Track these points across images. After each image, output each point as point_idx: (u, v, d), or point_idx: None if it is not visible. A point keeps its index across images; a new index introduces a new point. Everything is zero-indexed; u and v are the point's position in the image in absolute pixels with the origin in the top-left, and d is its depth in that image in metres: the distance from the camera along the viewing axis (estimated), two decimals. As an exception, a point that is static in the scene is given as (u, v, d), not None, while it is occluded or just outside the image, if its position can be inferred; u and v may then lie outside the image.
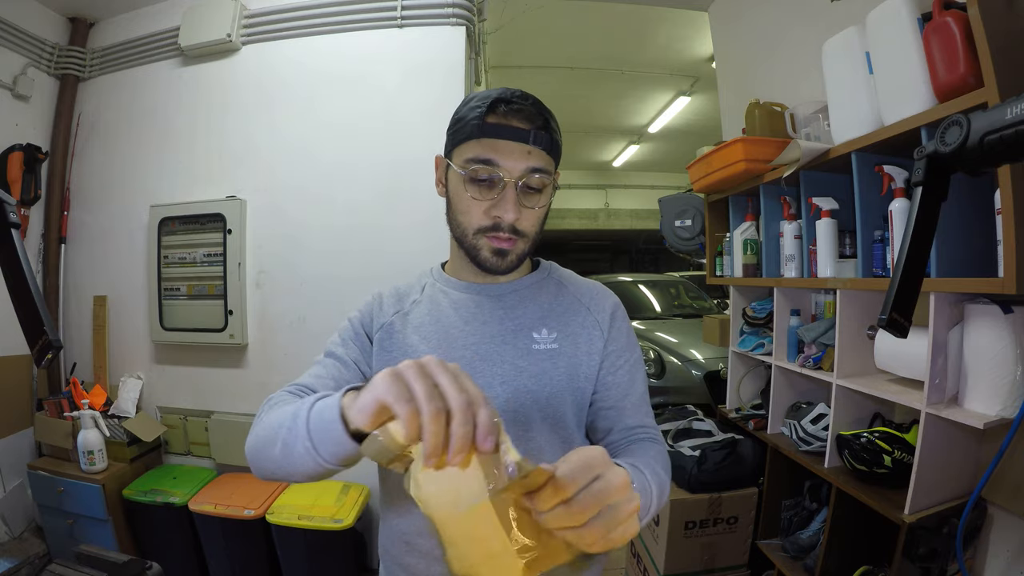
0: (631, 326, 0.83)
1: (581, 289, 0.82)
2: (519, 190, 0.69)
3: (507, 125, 0.68)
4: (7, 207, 0.58)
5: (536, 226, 0.73)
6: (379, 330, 0.78)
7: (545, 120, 0.70)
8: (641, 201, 9.12)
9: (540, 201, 0.71)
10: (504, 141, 0.68)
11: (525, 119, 0.69)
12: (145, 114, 2.47)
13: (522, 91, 0.71)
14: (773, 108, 1.80)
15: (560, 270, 0.86)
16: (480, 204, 0.70)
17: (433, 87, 2.21)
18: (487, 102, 0.69)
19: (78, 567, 1.23)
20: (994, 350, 1.10)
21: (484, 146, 0.68)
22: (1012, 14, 1.04)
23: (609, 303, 0.81)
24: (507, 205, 0.68)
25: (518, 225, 0.70)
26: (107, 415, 2.29)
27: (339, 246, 2.25)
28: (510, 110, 0.68)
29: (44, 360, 0.57)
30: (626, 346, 0.79)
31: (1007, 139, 0.46)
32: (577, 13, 3.63)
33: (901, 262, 0.55)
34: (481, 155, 0.68)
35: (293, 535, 1.96)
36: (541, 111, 0.70)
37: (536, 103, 0.71)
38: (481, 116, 0.68)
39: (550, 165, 0.71)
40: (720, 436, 1.97)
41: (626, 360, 0.78)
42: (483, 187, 0.69)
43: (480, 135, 0.68)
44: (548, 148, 0.70)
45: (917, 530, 1.22)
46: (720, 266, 2.15)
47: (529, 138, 0.68)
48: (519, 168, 0.68)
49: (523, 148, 0.68)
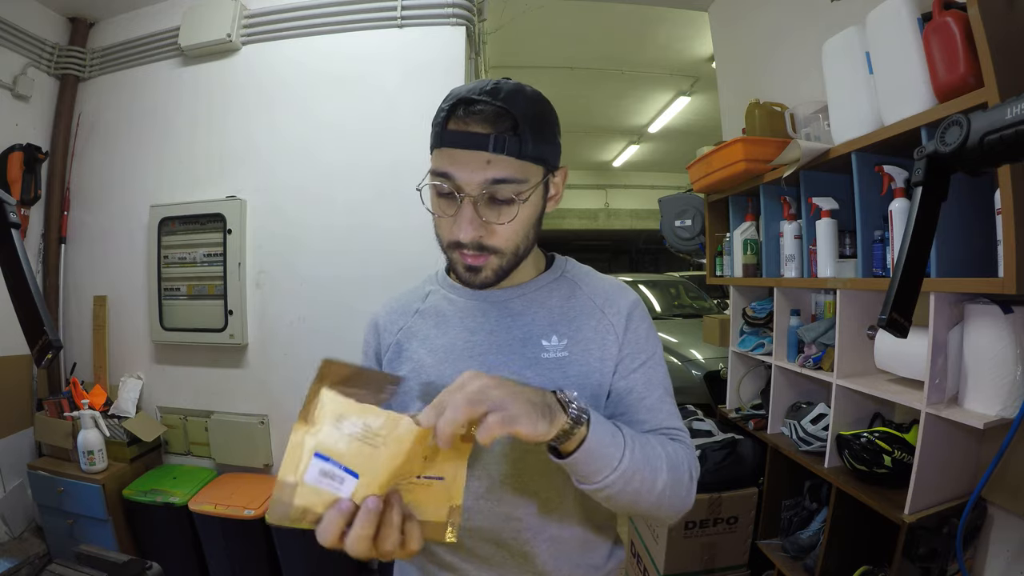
0: (651, 325, 0.76)
1: (596, 290, 0.76)
2: (480, 205, 0.62)
3: (464, 132, 0.61)
4: (7, 207, 0.58)
5: (512, 240, 0.66)
6: (387, 352, 0.77)
7: (513, 121, 0.60)
8: (641, 201, 9.12)
9: (509, 215, 0.63)
10: (460, 151, 0.61)
11: (485, 122, 0.60)
12: (145, 114, 2.47)
13: (496, 84, 0.63)
14: (773, 108, 1.80)
15: (576, 268, 0.80)
16: (444, 221, 0.66)
17: (433, 87, 2.21)
18: (450, 103, 0.62)
19: (78, 567, 1.24)
20: (994, 350, 1.10)
21: (443, 157, 0.63)
22: (1012, 14, 1.04)
23: (626, 303, 0.75)
24: (462, 224, 0.62)
25: (485, 242, 0.64)
26: (107, 415, 2.29)
27: (339, 246, 2.25)
28: (470, 112, 0.60)
29: (44, 360, 0.57)
30: (643, 347, 0.73)
31: (1007, 139, 0.46)
32: (577, 13, 3.63)
33: (901, 262, 0.55)
34: (438, 168, 0.63)
35: (293, 535, 1.96)
36: (511, 109, 0.61)
37: (508, 97, 0.61)
38: (443, 121, 0.63)
39: (522, 171, 0.62)
40: (720, 436, 1.97)
41: (642, 362, 0.72)
42: (445, 202, 0.65)
43: (440, 144, 0.63)
44: (516, 152, 0.61)
45: (917, 530, 1.22)
46: (720, 266, 2.15)
47: (488, 145, 0.60)
48: (475, 181, 0.61)
49: (481, 158, 0.60)
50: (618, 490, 0.57)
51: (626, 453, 0.57)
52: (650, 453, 0.61)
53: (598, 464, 0.55)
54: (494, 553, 0.70)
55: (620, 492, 0.58)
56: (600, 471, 0.56)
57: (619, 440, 0.57)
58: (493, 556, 0.70)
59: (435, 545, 0.72)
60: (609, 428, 0.57)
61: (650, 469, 0.60)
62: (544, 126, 0.65)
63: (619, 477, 0.56)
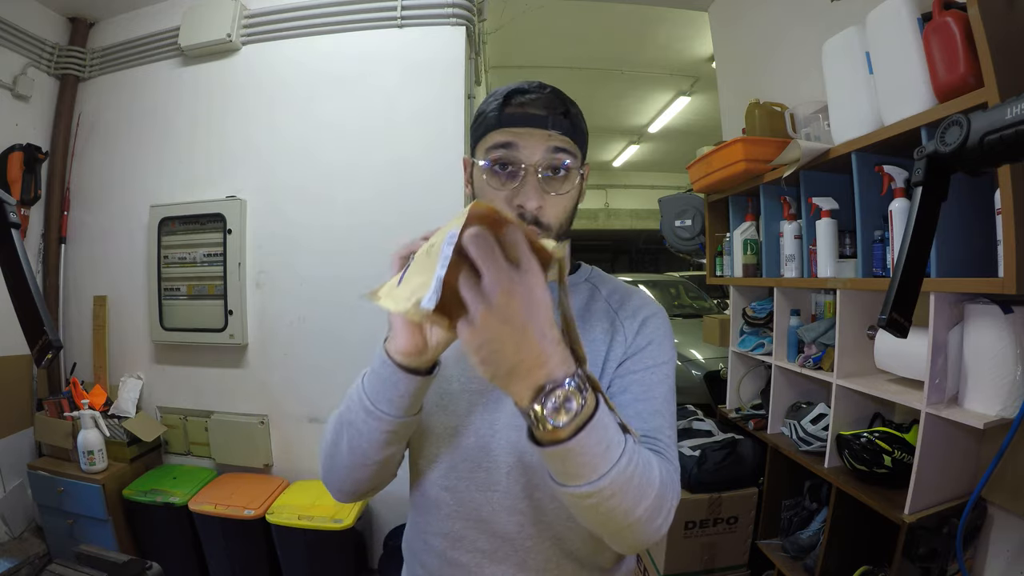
0: (668, 337, 0.74)
1: (615, 295, 0.76)
2: (541, 176, 0.67)
3: (525, 113, 0.67)
4: (7, 207, 0.58)
5: (561, 218, 0.69)
6: None
7: (565, 107, 0.69)
8: (641, 201, 9.12)
9: (565, 187, 0.68)
10: (523, 128, 0.67)
11: (543, 106, 0.68)
12: (145, 114, 2.47)
13: (540, 82, 0.71)
14: (773, 108, 1.80)
15: (600, 275, 0.81)
16: (501, 194, 0.68)
17: (433, 87, 2.21)
18: (504, 94, 0.69)
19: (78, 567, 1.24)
20: (994, 350, 1.10)
21: (503, 134, 0.68)
22: (1012, 14, 1.04)
23: (644, 311, 0.74)
24: (528, 191, 0.66)
25: (541, 217, 0.67)
26: (107, 415, 2.29)
27: (339, 246, 2.25)
28: (527, 99, 0.68)
29: (44, 360, 0.57)
30: (650, 353, 0.71)
31: (1007, 139, 0.46)
32: (577, 13, 3.63)
33: (901, 262, 0.55)
34: (500, 141, 0.67)
35: (293, 535, 1.96)
36: (560, 98, 0.70)
37: (555, 91, 0.70)
38: (499, 107, 0.68)
39: (574, 148, 0.69)
40: (720, 436, 1.97)
41: (645, 366, 0.70)
42: (504, 177, 0.68)
43: (499, 125, 0.68)
44: (570, 133, 0.68)
45: (917, 530, 1.22)
46: (720, 266, 2.15)
47: (548, 123, 0.67)
48: (539, 152, 0.66)
49: (542, 133, 0.67)
50: (598, 493, 0.48)
51: (621, 461, 0.49)
52: (644, 471, 0.53)
53: (595, 459, 0.47)
54: (499, 547, 0.70)
55: (601, 497, 0.49)
56: (597, 468, 0.47)
57: (618, 445, 0.49)
58: (498, 550, 0.70)
59: (439, 542, 0.72)
60: (609, 428, 0.48)
61: (639, 487, 0.51)
62: (582, 119, 0.72)
63: (610, 483, 0.48)
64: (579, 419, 0.45)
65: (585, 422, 0.45)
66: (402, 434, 0.62)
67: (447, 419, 0.71)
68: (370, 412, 0.58)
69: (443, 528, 0.72)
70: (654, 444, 0.64)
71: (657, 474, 0.55)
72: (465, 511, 0.70)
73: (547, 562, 0.70)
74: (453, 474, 0.71)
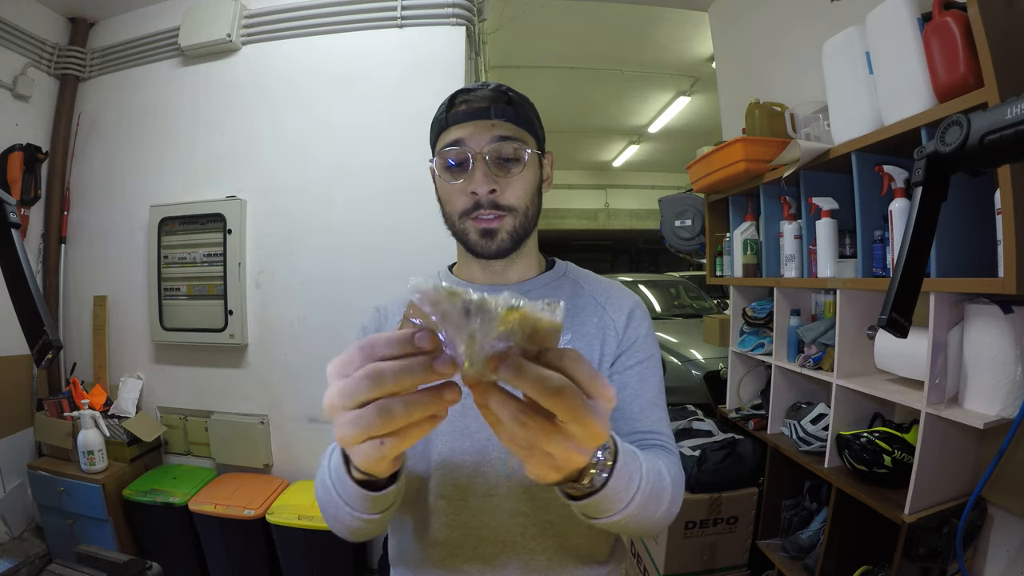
0: (651, 328, 0.78)
1: (598, 288, 0.80)
2: (490, 162, 0.69)
3: (468, 108, 0.71)
4: (7, 207, 0.58)
5: (523, 198, 0.72)
6: None
7: (507, 98, 0.72)
8: (641, 201, 9.11)
9: (517, 169, 0.71)
10: (468, 122, 0.70)
11: (485, 100, 0.71)
12: (145, 114, 2.47)
13: (485, 82, 0.74)
14: (773, 108, 1.80)
15: (577, 270, 0.84)
16: (456, 186, 0.71)
17: (433, 87, 2.21)
18: (449, 97, 0.73)
19: (78, 567, 1.23)
20: (994, 350, 1.10)
21: (452, 132, 0.71)
22: (1012, 14, 1.04)
23: (628, 303, 0.77)
24: (478, 177, 0.69)
25: (500, 200, 0.70)
26: (107, 415, 2.29)
27: (339, 246, 2.25)
28: (471, 96, 0.72)
29: (44, 360, 0.57)
30: (642, 346, 0.74)
31: (1007, 139, 0.46)
32: (577, 13, 3.63)
33: (901, 262, 0.55)
34: (451, 139, 0.71)
35: (293, 535, 1.96)
36: (503, 91, 0.73)
37: (498, 86, 0.73)
38: (446, 109, 0.73)
39: (521, 135, 0.72)
40: (720, 436, 1.97)
41: (639, 360, 0.73)
42: (457, 171, 0.71)
43: (447, 124, 0.72)
44: (514, 120, 0.71)
45: (917, 530, 1.22)
46: (720, 266, 2.15)
47: (491, 114, 0.70)
48: (483, 140, 0.69)
49: (486, 123, 0.70)
50: (625, 518, 0.51)
51: (640, 487, 0.51)
52: (662, 479, 0.56)
53: (622, 492, 0.49)
54: (501, 552, 0.69)
55: (627, 519, 0.51)
56: (623, 499, 0.50)
57: (637, 472, 0.51)
58: (499, 556, 0.69)
59: (438, 552, 0.71)
60: (634, 463, 0.50)
61: (656, 497, 0.55)
62: (530, 107, 0.75)
63: (636, 505, 0.51)
64: (608, 468, 0.47)
65: (612, 467, 0.47)
66: (386, 509, 0.54)
67: (441, 425, 0.71)
68: (339, 507, 0.53)
69: (441, 537, 0.70)
70: (656, 438, 0.68)
71: (666, 474, 0.59)
72: (463, 518, 0.69)
73: (549, 561, 0.70)
74: (449, 482, 0.69)
